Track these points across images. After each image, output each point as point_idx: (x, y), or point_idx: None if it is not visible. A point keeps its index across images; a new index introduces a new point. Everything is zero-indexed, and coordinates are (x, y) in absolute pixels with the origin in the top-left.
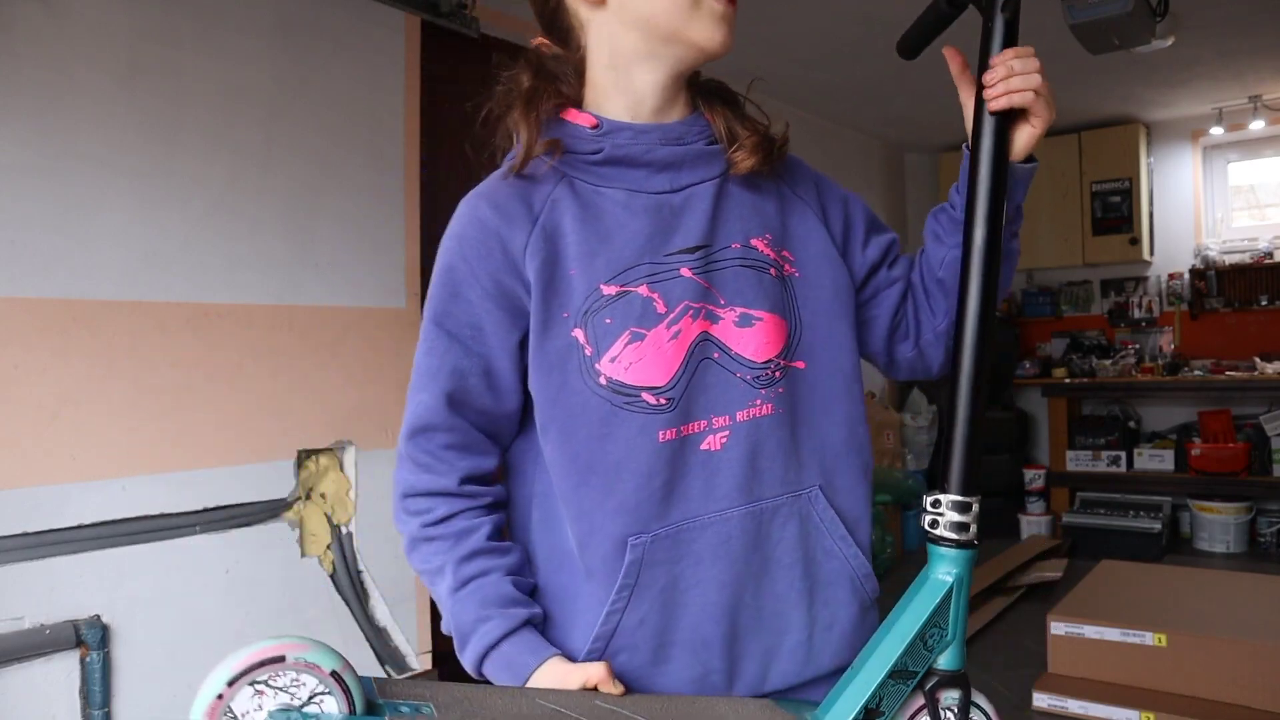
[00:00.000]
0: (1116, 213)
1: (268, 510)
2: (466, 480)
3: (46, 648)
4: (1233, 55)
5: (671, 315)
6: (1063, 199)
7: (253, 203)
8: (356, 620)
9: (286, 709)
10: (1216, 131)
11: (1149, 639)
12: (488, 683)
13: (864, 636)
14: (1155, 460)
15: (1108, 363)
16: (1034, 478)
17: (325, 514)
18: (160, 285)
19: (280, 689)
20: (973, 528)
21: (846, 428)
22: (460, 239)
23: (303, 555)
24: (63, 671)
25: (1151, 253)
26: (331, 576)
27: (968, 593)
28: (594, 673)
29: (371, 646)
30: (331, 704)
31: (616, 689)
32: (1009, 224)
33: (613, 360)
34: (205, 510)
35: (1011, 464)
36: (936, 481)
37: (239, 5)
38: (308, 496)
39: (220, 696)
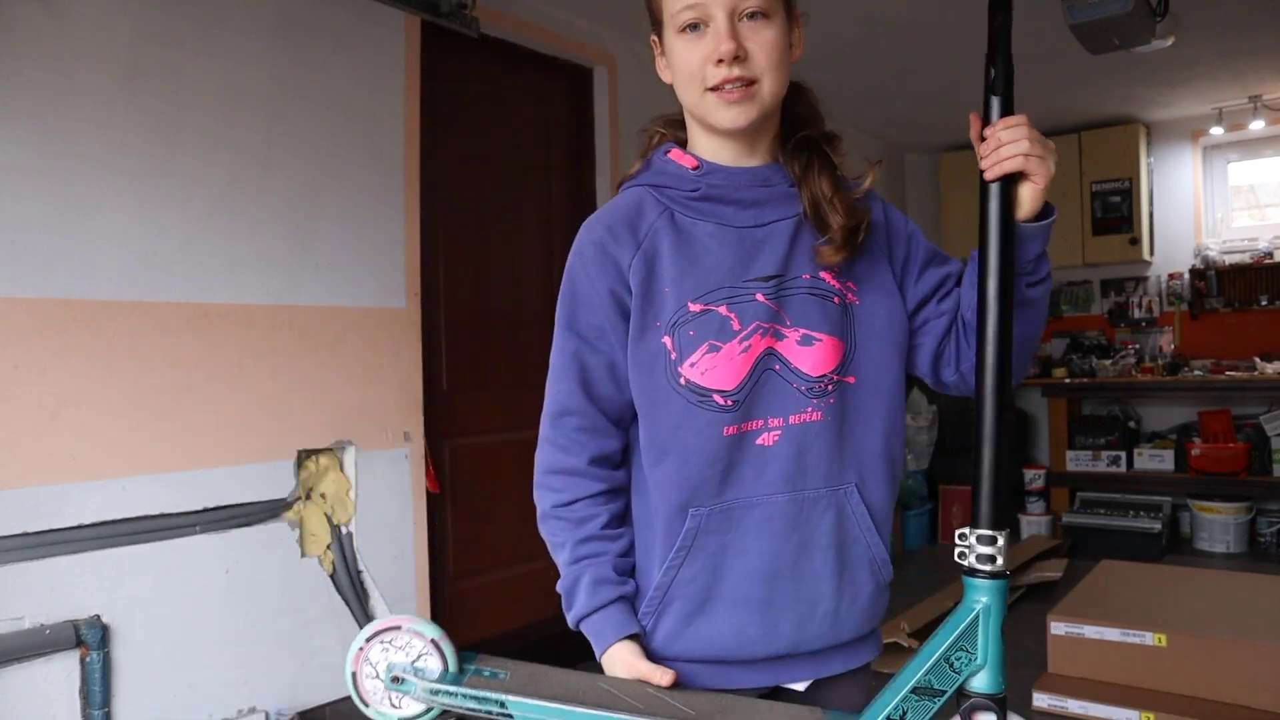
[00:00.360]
0: (1116, 213)
1: (268, 510)
2: (594, 461)
3: (46, 648)
4: (1233, 55)
5: (744, 332)
6: (1063, 199)
7: (253, 203)
8: (356, 620)
9: (401, 664)
10: (1216, 131)
11: (1149, 639)
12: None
13: (879, 611)
14: (1155, 460)
15: (1108, 363)
16: (1034, 478)
17: (325, 514)
18: (160, 285)
19: (399, 648)
20: (999, 559)
21: (884, 437)
22: (581, 256)
23: (303, 555)
24: (63, 671)
25: (1151, 253)
26: (331, 576)
27: (999, 620)
28: (658, 678)
29: None
30: (433, 662)
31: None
32: (1027, 275)
33: (692, 365)
34: (205, 510)
35: (1011, 464)
36: (936, 483)
37: (239, 5)
38: (308, 496)
39: (361, 649)
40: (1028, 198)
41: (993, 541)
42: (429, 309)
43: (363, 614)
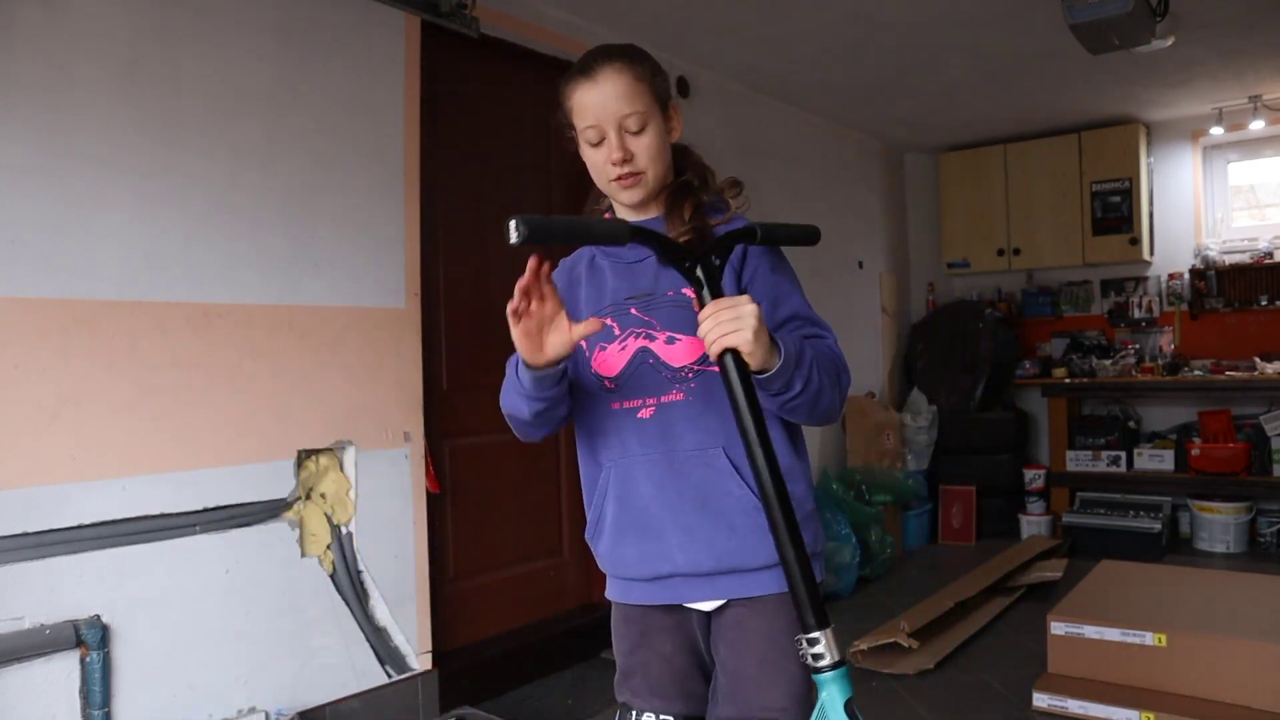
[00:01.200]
0: (1116, 213)
1: (268, 510)
2: None
3: (46, 648)
4: (1233, 55)
5: (622, 335)
6: (1063, 199)
7: (253, 202)
8: (356, 620)
9: None
10: (1216, 131)
11: (1149, 639)
12: None
13: (766, 549)
14: (1155, 460)
15: (1108, 363)
16: (1034, 478)
17: (325, 514)
18: (160, 285)
19: None
20: (827, 655)
21: None
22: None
23: (303, 555)
24: (63, 671)
25: (1151, 253)
26: (331, 576)
27: (845, 698)
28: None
29: (371, 646)
30: None
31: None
32: (780, 398)
33: (593, 358)
34: (205, 510)
35: (1011, 464)
36: (936, 483)
37: (239, 5)
38: (308, 496)
39: None
40: (748, 361)
41: (815, 643)
42: (429, 309)
43: (363, 614)
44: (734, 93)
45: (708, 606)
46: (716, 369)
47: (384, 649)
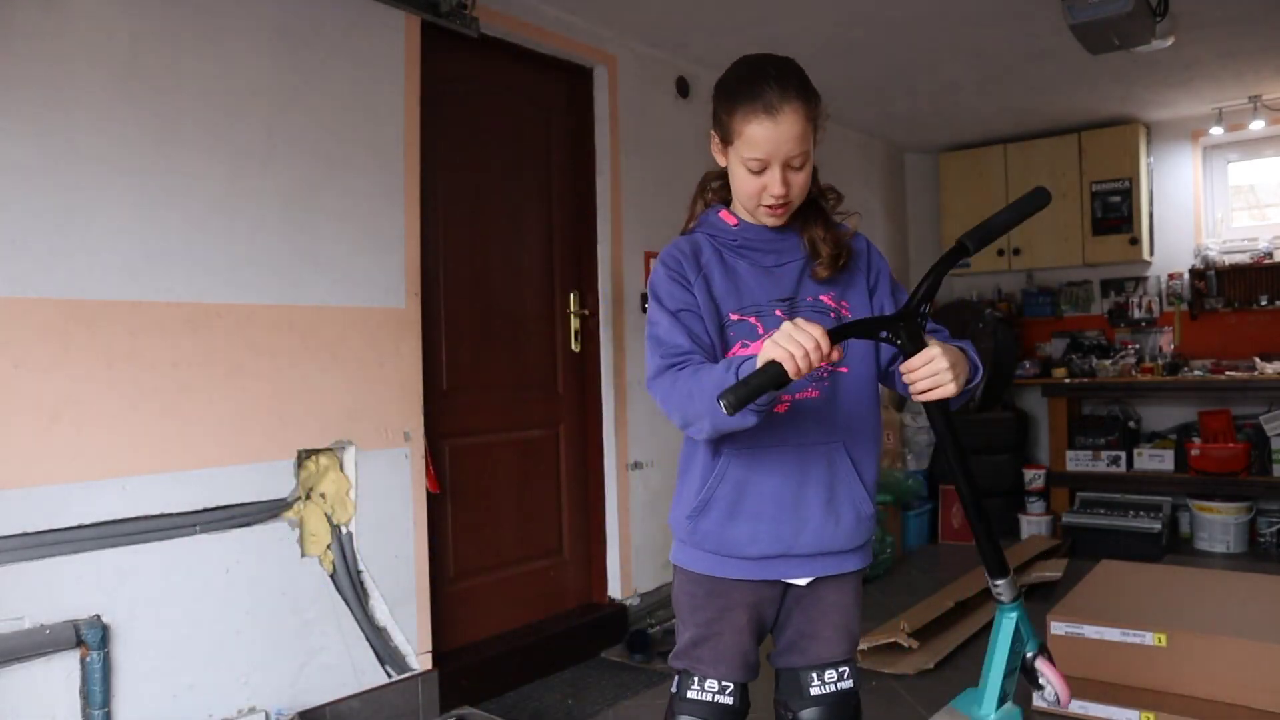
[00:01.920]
0: (1116, 213)
1: (268, 510)
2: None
3: (46, 648)
4: (1233, 55)
5: (765, 335)
6: (1063, 199)
7: (253, 202)
8: (356, 620)
9: None
10: (1216, 131)
11: (1149, 639)
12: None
13: (861, 533)
14: (1155, 460)
15: (1108, 363)
16: (1034, 478)
17: (325, 514)
18: (160, 285)
19: None
20: (1007, 592)
21: (868, 409)
22: (664, 264)
23: (303, 555)
24: (63, 671)
25: (1151, 253)
26: (331, 576)
27: (1021, 621)
28: (819, 329)
29: (371, 646)
30: None
31: (825, 343)
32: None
33: (733, 353)
34: (205, 510)
35: (1011, 464)
36: (936, 483)
37: (239, 5)
38: (308, 496)
39: None
40: (952, 400)
41: (998, 586)
42: (429, 309)
43: (363, 614)
44: None
45: (802, 582)
46: (846, 370)
47: (384, 649)
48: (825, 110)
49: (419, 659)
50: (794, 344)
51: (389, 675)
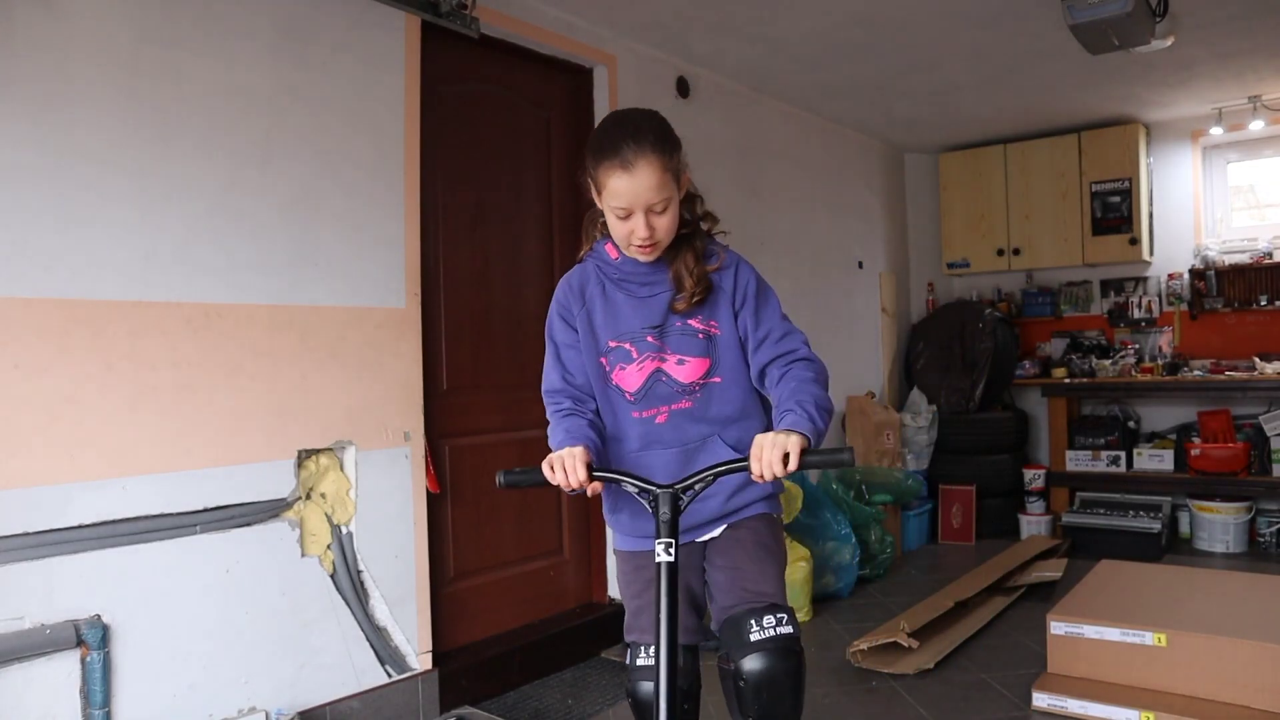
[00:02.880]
0: (1116, 213)
1: (268, 510)
2: (572, 403)
3: (47, 648)
4: (1233, 55)
5: (640, 359)
6: (1063, 199)
7: (253, 203)
8: (356, 620)
9: None
10: (1216, 131)
11: (1149, 639)
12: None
13: (746, 496)
14: (1155, 460)
15: (1107, 363)
16: (1034, 478)
17: (325, 514)
18: (160, 285)
19: None
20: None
21: (738, 407)
22: (556, 300)
23: (303, 555)
24: (63, 671)
25: (1151, 253)
26: (331, 576)
27: None
28: (581, 471)
29: (371, 646)
30: None
31: (582, 472)
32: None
33: (614, 375)
34: (205, 510)
35: (1011, 464)
36: (936, 483)
37: (239, 6)
38: (308, 496)
39: None
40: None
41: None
42: (429, 309)
43: (363, 614)
44: (734, 93)
45: (705, 537)
46: (719, 380)
47: (384, 649)
48: (684, 160)
49: (419, 659)
50: (560, 470)
51: (389, 675)
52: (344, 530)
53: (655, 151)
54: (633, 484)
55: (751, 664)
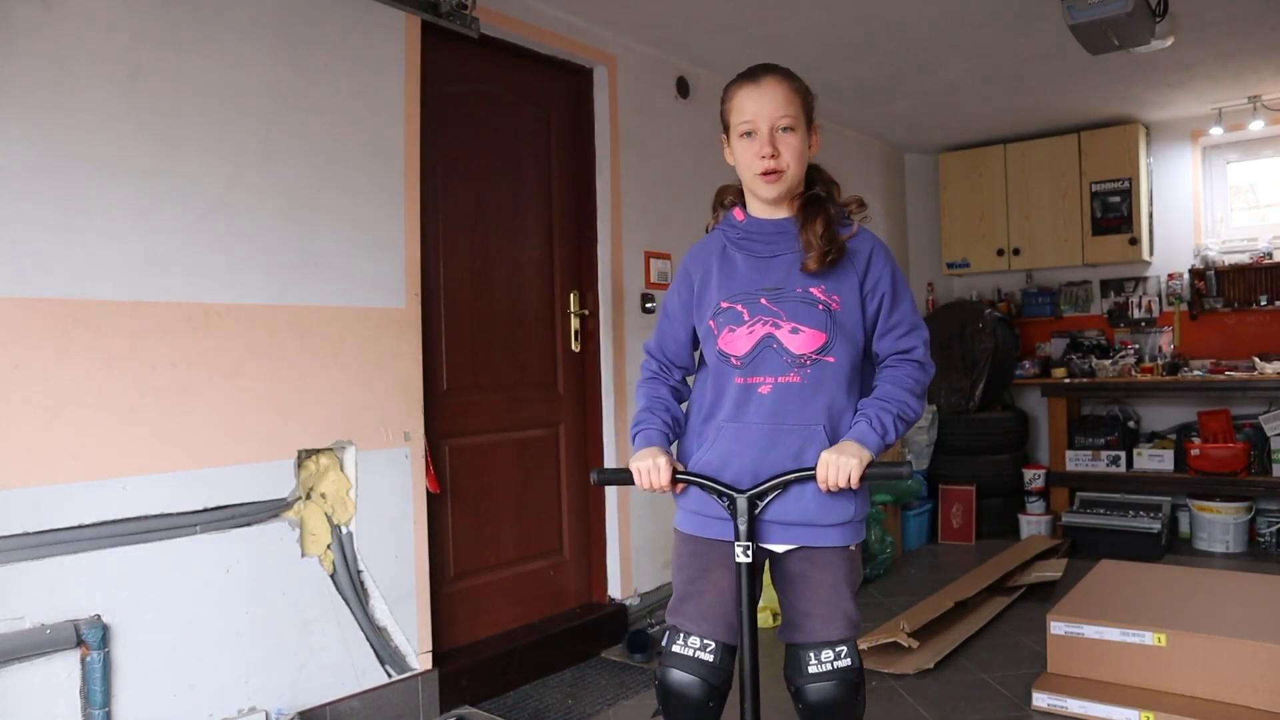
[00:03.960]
0: (1116, 213)
1: (268, 510)
2: (660, 371)
3: (47, 648)
4: (1233, 55)
5: (751, 322)
6: (1063, 199)
7: (253, 203)
8: (356, 620)
9: None
10: (1216, 131)
11: (1149, 639)
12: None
13: (835, 509)
14: (1155, 460)
15: (1107, 363)
16: (1034, 478)
17: (325, 514)
18: (160, 285)
19: None
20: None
21: (850, 397)
22: (679, 267)
23: (303, 555)
24: (63, 671)
25: (1151, 253)
26: (331, 576)
27: None
28: (665, 460)
29: (371, 646)
30: None
31: (665, 476)
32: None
33: (722, 339)
34: (205, 510)
35: (1011, 464)
36: (936, 483)
37: (239, 5)
38: (308, 496)
39: None
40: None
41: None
42: (429, 309)
43: (363, 614)
44: None
45: (780, 549)
46: (832, 360)
47: (384, 649)
48: (814, 100)
49: (419, 659)
50: (645, 472)
51: (389, 675)
52: (344, 530)
53: (783, 73)
54: (712, 487)
55: (811, 695)
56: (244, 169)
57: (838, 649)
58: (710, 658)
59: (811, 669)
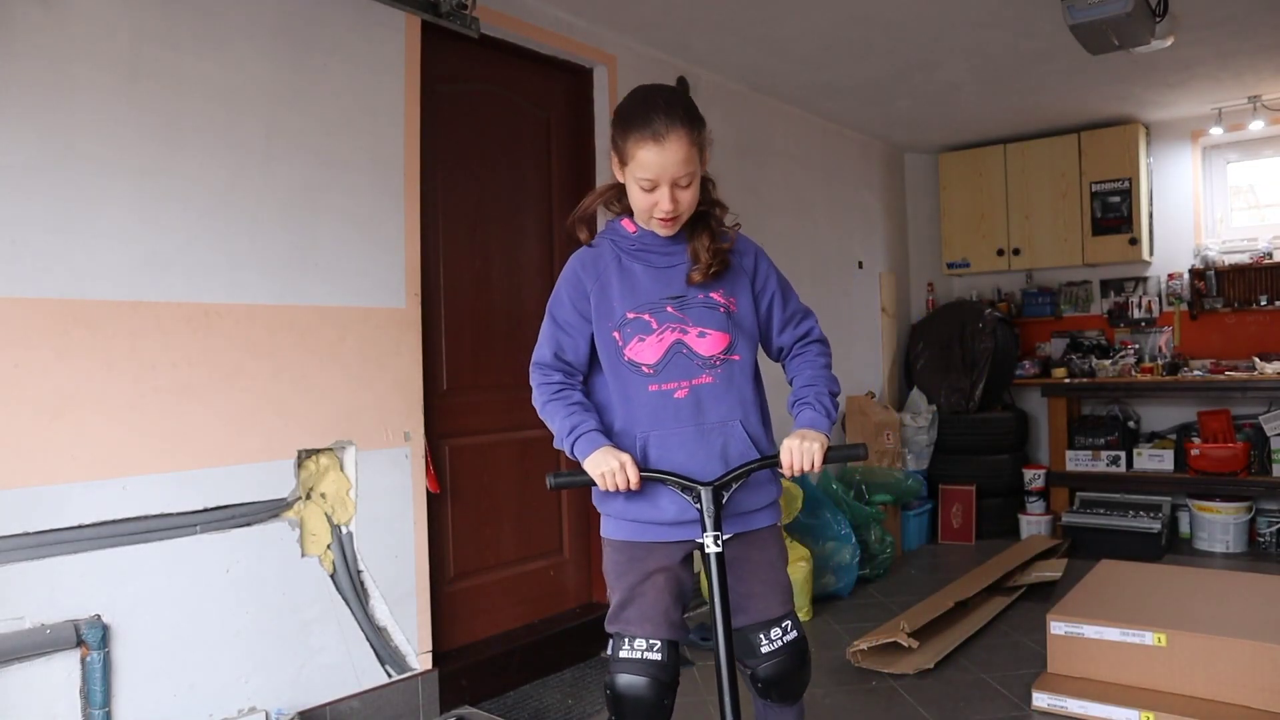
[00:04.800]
0: (1116, 213)
1: (268, 510)
2: (563, 379)
3: (47, 648)
4: (1233, 55)
5: (659, 330)
6: (1063, 199)
7: (253, 203)
8: (356, 620)
9: None
10: (1216, 131)
11: (1149, 639)
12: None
13: (760, 497)
14: (1155, 460)
15: (1107, 363)
16: (1034, 478)
17: (325, 514)
18: (160, 285)
19: None
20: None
21: (754, 390)
22: (565, 275)
23: (303, 555)
24: (63, 671)
25: (1151, 253)
26: (331, 576)
27: None
28: (627, 458)
29: (371, 646)
30: None
31: (634, 475)
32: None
33: (630, 349)
34: (205, 510)
35: (1011, 464)
36: (936, 483)
37: (239, 5)
38: (308, 496)
39: None
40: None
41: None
42: (429, 309)
43: (363, 614)
44: (734, 93)
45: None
46: (738, 358)
47: (384, 649)
48: (709, 136)
49: (419, 659)
50: (612, 474)
51: (389, 675)
52: (344, 530)
53: (685, 126)
54: (676, 481)
55: (766, 671)
56: (244, 169)
57: (784, 624)
58: (658, 656)
59: (765, 649)
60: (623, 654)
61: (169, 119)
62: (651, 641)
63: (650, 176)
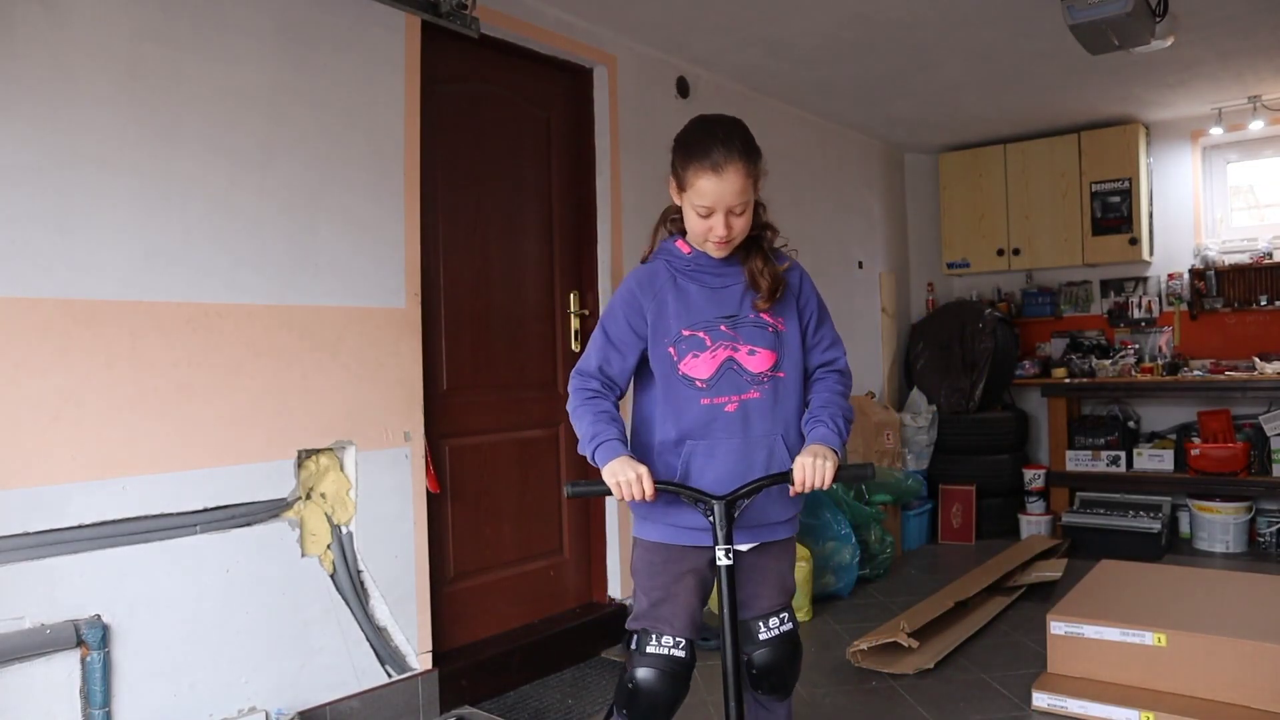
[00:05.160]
0: (1116, 213)
1: (268, 510)
2: (598, 392)
3: (46, 648)
4: (1233, 55)
5: (713, 347)
6: (1062, 199)
7: (253, 203)
8: (356, 620)
9: None
10: (1216, 131)
11: (1149, 639)
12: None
13: (791, 507)
14: (1155, 460)
15: (1107, 363)
16: (1034, 478)
17: (325, 514)
18: (160, 285)
19: None
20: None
21: (798, 407)
22: (621, 293)
23: (303, 555)
24: (63, 671)
25: (1151, 253)
26: (331, 576)
27: None
28: (644, 470)
29: (371, 646)
30: None
31: (649, 487)
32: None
33: (684, 364)
34: (205, 510)
35: (1011, 464)
36: (936, 483)
37: (239, 5)
38: (308, 496)
39: None
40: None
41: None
42: (429, 309)
43: (363, 614)
44: (734, 93)
45: (745, 547)
46: (783, 375)
47: (384, 649)
48: (764, 167)
49: (419, 659)
50: (628, 484)
51: (389, 675)
52: (344, 530)
53: (743, 158)
54: (689, 494)
55: (762, 657)
56: (244, 169)
57: (781, 615)
58: (683, 654)
59: (762, 636)
60: (650, 649)
61: (169, 118)
62: (678, 639)
63: (707, 204)
